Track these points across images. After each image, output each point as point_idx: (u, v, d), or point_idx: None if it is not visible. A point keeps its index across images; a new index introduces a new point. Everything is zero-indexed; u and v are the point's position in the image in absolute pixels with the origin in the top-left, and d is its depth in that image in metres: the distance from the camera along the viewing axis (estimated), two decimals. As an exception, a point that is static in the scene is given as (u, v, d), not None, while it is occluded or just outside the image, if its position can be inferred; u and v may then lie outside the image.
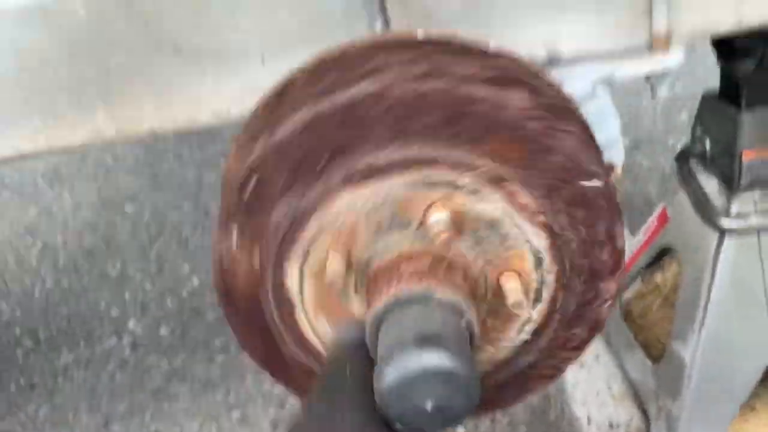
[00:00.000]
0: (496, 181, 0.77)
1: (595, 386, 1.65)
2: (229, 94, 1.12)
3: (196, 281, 2.36)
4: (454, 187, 0.76)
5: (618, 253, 0.83)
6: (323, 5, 1.05)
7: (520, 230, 0.79)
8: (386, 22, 1.07)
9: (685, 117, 2.75)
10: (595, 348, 1.74)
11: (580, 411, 1.60)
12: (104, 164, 3.40)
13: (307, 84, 0.84)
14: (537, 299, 0.81)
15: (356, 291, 0.81)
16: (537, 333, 0.84)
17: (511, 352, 0.85)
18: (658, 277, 1.87)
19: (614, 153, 1.01)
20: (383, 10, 1.06)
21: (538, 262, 0.79)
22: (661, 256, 1.59)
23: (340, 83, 0.80)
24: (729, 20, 1.08)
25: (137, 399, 1.92)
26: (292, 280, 0.80)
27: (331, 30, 1.08)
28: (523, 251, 0.79)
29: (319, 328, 0.83)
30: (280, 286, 0.81)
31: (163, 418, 1.85)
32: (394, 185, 0.76)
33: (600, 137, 0.99)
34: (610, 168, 1.05)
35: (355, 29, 1.07)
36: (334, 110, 0.79)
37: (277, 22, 1.07)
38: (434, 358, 0.68)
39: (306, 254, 0.78)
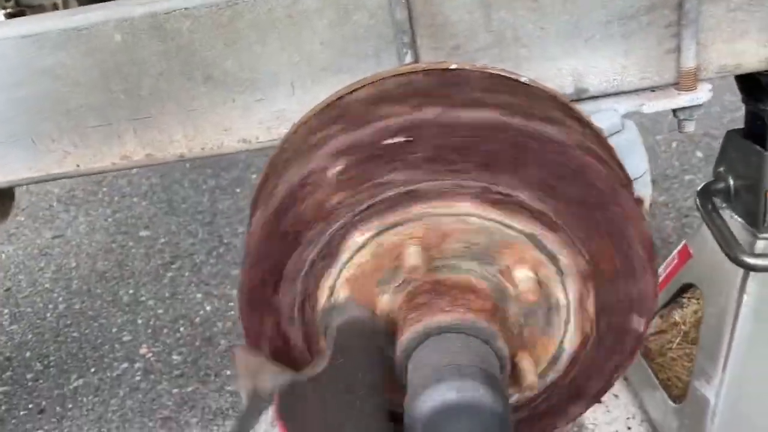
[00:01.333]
0: (583, 278, 0.80)
1: (613, 426, 1.62)
2: (257, 122, 1.13)
3: (208, 308, 2.35)
4: (552, 259, 0.79)
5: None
6: (355, 37, 1.07)
7: (566, 327, 0.83)
8: (416, 55, 1.08)
9: (701, 154, 2.75)
10: (615, 387, 1.72)
11: (599, 450, 1.57)
12: (120, 189, 3.43)
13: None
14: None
15: (396, 287, 0.81)
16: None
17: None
18: (677, 314, 1.85)
19: (642, 187, 1.00)
20: (413, 43, 1.07)
21: (559, 353, 0.84)
22: (682, 292, 1.58)
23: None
24: (756, 58, 1.08)
25: (147, 426, 1.90)
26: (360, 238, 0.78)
27: (361, 61, 1.09)
28: (554, 343, 0.84)
29: (339, 292, 0.81)
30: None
31: (173, 447, 1.84)
32: (508, 223, 0.77)
33: (629, 170, 1.00)
34: (639, 202, 1.05)
35: (384, 61, 1.09)
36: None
37: (308, 52, 1.08)
38: (472, 392, 0.67)
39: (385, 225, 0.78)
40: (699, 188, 1.39)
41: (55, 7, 2.62)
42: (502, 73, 0.90)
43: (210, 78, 1.10)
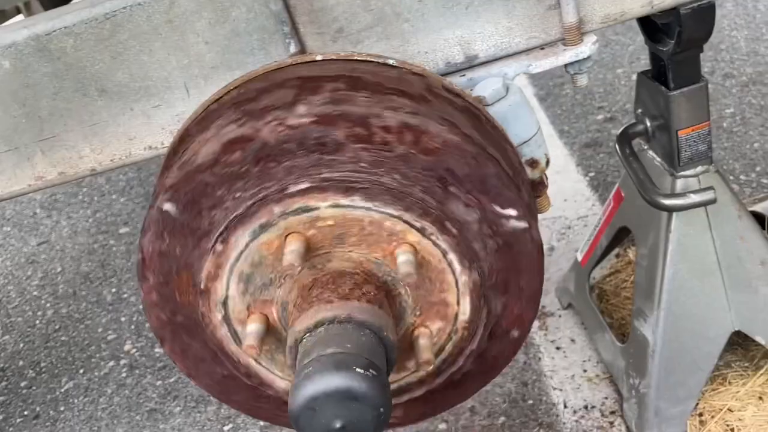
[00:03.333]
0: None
1: (571, 370, 1.66)
2: (159, 127, 1.15)
3: (187, 298, 2.40)
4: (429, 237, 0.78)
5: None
6: (237, 33, 1.08)
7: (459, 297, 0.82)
8: (300, 42, 1.09)
9: (662, 84, 2.73)
10: (571, 332, 1.76)
11: (556, 396, 1.62)
12: (99, 188, 3.47)
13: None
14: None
15: (284, 280, 0.81)
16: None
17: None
18: (631, 253, 1.87)
19: (535, 148, 1.02)
20: (295, 30, 1.08)
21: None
22: (621, 235, 1.60)
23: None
24: (639, 3, 1.08)
25: (134, 420, 1.98)
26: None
27: (249, 55, 1.10)
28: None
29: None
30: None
31: (159, 437, 1.91)
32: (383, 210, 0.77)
33: (514, 134, 1.01)
34: (533, 163, 1.06)
35: (271, 53, 1.10)
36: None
37: (195, 53, 1.09)
38: (345, 379, 0.70)
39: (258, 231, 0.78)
40: (619, 131, 1.39)
41: (18, 11, 2.63)
42: (369, 59, 0.91)
43: (104, 91, 1.12)
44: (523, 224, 0.82)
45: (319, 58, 0.92)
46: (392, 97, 0.81)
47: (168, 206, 0.78)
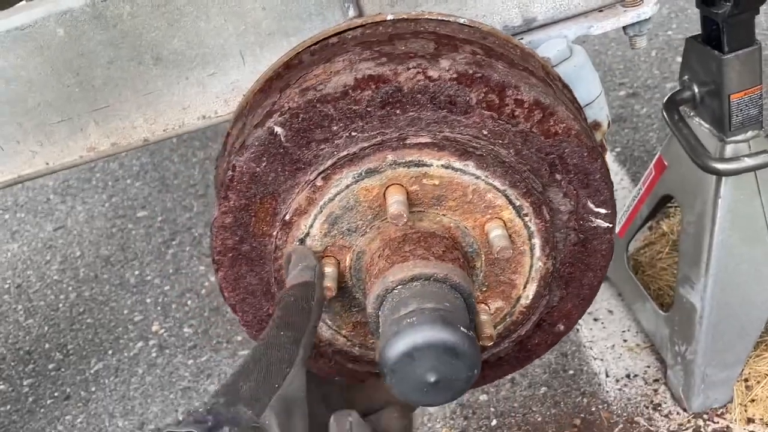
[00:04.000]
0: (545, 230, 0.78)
1: (610, 341, 1.67)
2: (214, 96, 1.14)
3: (212, 278, 2.40)
4: (521, 215, 0.77)
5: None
6: (294, -1, 1.07)
7: (529, 276, 0.81)
8: (359, 8, 1.08)
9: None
10: (608, 303, 1.76)
11: (597, 366, 1.62)
12: (112, 173, 3.45)
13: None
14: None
15: (369, 231, 0.79)
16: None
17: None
18: (665, 225, 1.88)
19: (598, 110, 1.01)
20: (354, -5, 1.07)
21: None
22: (662, 204, 1.60)
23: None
24: (700, -36, 1.07)
25: (168, 399, 1.98)
26: None
27: (305, 21, 1.09)
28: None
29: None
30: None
31: (195, 415, 1.91)
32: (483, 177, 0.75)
33: (579, 96, 1.01)
34: (595, 126, 1.06)
35: (328, 18, 1.09)
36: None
37: (252, 20, 1.08)
38: (450, 335, 0.69)
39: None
40: (665, 99, 1.39)
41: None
42: (440, 18, 0.91)
43: (160, 59, 1.11)
44: (607, 224, 0.83)
45: (390, 17, 0.91)
46: (523, 73, 0.80)
47: (279, 130, 0.75)
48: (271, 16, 1.08)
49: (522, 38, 1.12)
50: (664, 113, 1.35)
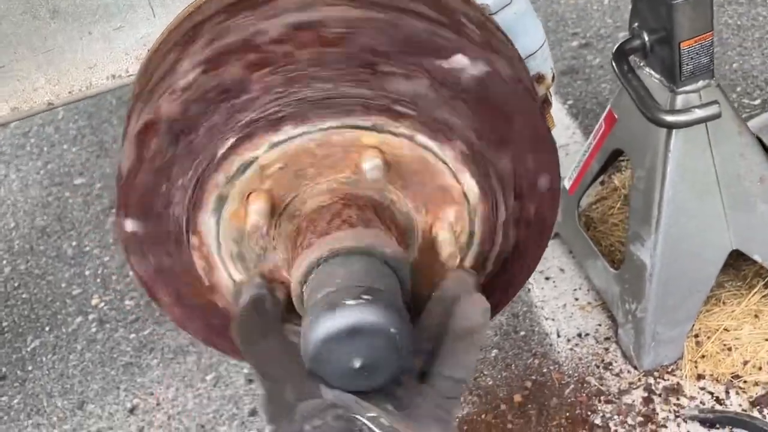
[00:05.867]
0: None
1: (561, 300, 1.64)
2: (123, 53, 1.03)
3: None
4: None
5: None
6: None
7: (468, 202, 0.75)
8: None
9: (635, 8, 2.66)
10: (559, 261, 1.72)
11: (549, 326, 1.59)
12: (48, 138, 3.26)
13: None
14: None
15: (274, 241, 0.76)
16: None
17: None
18: (617, 179, 1.84)
19: (540, 62, 0.94)
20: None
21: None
22: (613, 159, 1.55)
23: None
24: None
25: (109, 375, 1.89)
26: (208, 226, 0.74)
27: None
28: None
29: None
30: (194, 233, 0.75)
31: (137, 391, 1.83)
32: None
33: (520, 46, 0.93)
34: (539, 78, 0.98)
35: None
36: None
37: (160, -35, 0.97)
38: (336, 319, 0.63)
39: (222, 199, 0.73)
40: (614, 48, 1.32)
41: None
42: None
43: (57, 12, 0.99)
44: (482, 68, 0.71)
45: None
46: (274, 3, 0.70)
47: (130, 224, 0.74)
48: (182, -39, 0.97)
49: (460, -16, 1.03)
50: (614, 64, 1.29)
